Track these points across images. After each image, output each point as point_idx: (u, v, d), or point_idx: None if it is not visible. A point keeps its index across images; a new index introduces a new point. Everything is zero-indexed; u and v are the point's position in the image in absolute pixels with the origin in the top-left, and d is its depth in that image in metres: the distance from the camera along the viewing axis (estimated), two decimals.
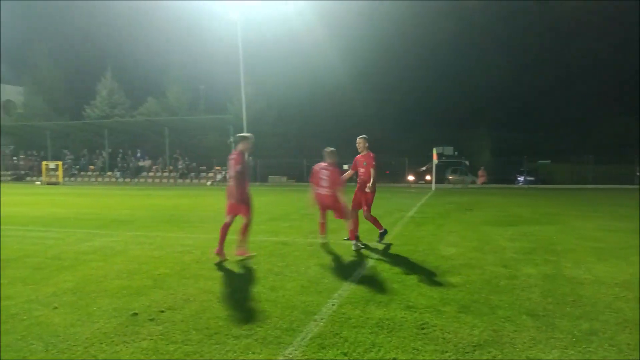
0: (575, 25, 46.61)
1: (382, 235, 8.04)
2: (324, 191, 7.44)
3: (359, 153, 8.08)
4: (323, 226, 7.76)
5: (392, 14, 48.21)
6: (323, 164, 7.55)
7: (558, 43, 49.96)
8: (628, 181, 27.61)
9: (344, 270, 5.92)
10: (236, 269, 5.99)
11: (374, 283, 5.28)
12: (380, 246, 7.62)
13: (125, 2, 51.72)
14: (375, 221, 8.01)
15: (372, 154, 7.98)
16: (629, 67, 41.33)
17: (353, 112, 44.88)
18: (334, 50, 45.24)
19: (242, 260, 6.45)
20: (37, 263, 6.32)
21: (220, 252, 6.47)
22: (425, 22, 49.32)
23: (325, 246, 7.53)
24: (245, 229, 6.65)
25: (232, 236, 6.63)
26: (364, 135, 8.06)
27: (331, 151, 7.56)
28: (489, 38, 50.17)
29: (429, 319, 4.09)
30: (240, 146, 6.65)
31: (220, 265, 6.16)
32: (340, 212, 7.47)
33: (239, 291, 4.95)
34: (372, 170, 7.80)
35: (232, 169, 6.45)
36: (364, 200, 7.86)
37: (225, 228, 6.55)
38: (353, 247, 7.32)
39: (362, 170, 7.93)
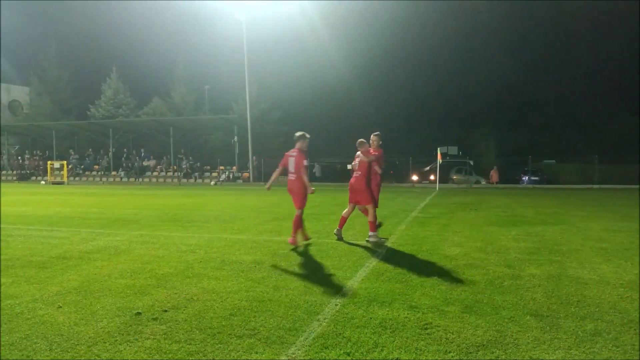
0: (580, 24, 46.43)
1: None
2: (356, 174, 7.92)
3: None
4: (344, 220, 8.22)
5: (396, 14, 48.19)
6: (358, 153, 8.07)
7: (563, 43, 49.82)
8: (633, 181, 27.43)
9: (347, 270, 5.91)
10: (239, 268, 5.99)
11: (377, 283, 5.27)
12: (386, 245, 7.62)
13: (130, 2, 51.98)
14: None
15: (380, 151, 8.19)
16: (635, 67, 41.11)
17: (357, 112, 44.93)
18: (339, 50, 45.29)
19: (253, 258, 6.47)
20: (41, 262, 6.35)
21: (306, 237, 7.65)
22: (430, 21, 49.34)
23: (328, 246, 7.53)
24: (300, 219, 7.44)
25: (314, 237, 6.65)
26: (378, 132, 8.34)
27: (361, 141, 7.99)
28: (494, 38, 50.08)
29: (432, 319, 4.08)
30: (299, 144, 7.35)
31: (223, 265, 6.17)
32: (366, 197, 7.80)
33: (242, 291, 4.96)
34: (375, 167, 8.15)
35: (294, 165, 7.19)
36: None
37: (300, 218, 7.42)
38: (370, 239, 7.69)
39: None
